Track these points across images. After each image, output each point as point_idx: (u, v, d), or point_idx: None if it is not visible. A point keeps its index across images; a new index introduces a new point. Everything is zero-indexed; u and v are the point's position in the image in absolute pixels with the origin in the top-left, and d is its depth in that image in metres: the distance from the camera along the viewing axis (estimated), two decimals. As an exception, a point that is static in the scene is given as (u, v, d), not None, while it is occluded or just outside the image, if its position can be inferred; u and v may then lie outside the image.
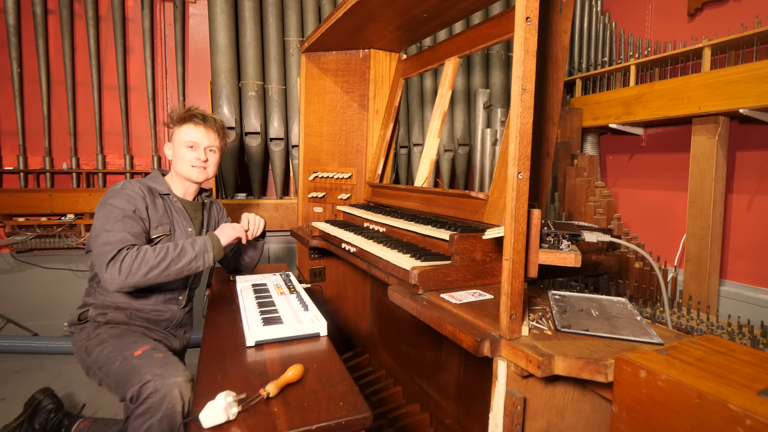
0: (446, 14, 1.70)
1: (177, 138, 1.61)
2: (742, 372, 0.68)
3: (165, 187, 1.59)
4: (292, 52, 2.96)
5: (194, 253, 1.41)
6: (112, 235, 1.34)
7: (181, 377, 1.21)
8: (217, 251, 1.47)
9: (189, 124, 1.59)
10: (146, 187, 1.53)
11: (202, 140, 1.60)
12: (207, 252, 1.44)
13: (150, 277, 1.34)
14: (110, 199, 1.43)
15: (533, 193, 1.25)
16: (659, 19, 3.10)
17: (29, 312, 2.88)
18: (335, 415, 0.89)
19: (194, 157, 1.59)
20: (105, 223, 1.37)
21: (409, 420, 1.72)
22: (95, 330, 1.44)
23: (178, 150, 1.60)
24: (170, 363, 1.26)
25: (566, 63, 2.70)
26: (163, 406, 1.15)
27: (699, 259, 2.52)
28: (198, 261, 1.42)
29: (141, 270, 1.32)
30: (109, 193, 1.46)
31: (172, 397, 1.16)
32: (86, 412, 2.02)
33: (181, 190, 1.65)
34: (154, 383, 1.17)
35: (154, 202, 1.52)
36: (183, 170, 1.60)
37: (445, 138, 3.34)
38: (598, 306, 1.06)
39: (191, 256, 1.40)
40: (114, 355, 1.32)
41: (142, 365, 1.24)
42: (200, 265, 1.43)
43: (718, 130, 2.43)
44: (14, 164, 2.86)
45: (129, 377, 1.23)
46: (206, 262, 1.44)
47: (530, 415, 0.87)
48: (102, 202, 1.44)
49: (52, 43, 2.88)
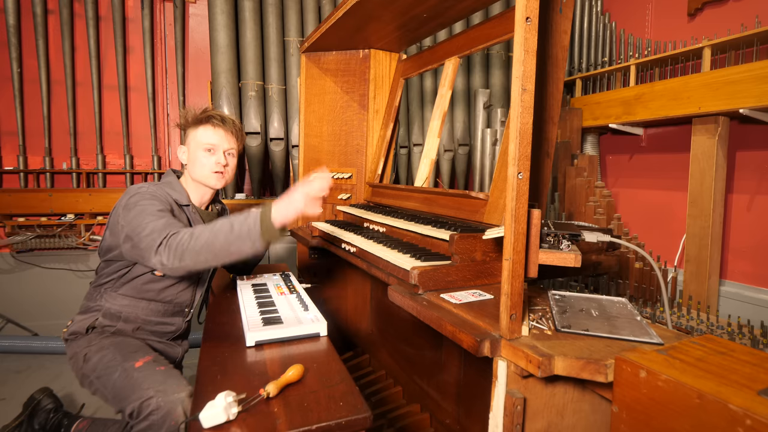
0: (446, 14, 1.70)
1: (193, 141, 1.51)
2: (742, 372, 0.68)
3: (184, 198, 1.50)
4: (292, 52, 2.96)
5: (247, 238, 1.18)
6: (156, 223, 1.24)
7: (184, 392, 1.17)
8: (270, 236, 1.21)
9: (207, 125, 1.50)
10: (169, 197, 1.45)
11: (222, 143, 1.51)
12: (256, 237, 1.19)
13: (201, 258, 1.18)
14: (140, 201, 1.33)
15: (533, 193, 1.25)
16: (659, 19, 3.10)
17: (29, 312, 2.88)
18: (335, 415, 0.89)
19: (213, 161, 1.49)
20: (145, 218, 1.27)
21: (409, 420, 1.72)
22: (98, 337, 1.39)
23: (194, 154, 1.50)
24: (172, 377, 1.23)
25: (566, 63, 2.70)
26: (166, 424, 1.12)
27: (699, 259, 2.52)
28: (252, 245, 1.19)
29: (194, 248, 1.17)
30: (134, 196, 1.35)
31: (176, 415, 1.13)
32: (85, 412, 2.02)
33: (197, 197, 1.57)
34: (156, 400, 1.13)
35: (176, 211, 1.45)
36: (201, 176, 1.51)
37: (445, 138, 3.34)
38: (598, 306, 1.06)
39: (245, 237, 1.18)
40: (114, 365, 1.27)
41: (144, 379, 1.20)
42: (248, 250, 1.20)
43: (718, 130, 2.43)
44: (14, 164, 2.86)
45: (129, 391, 1.19)
46: (256, 249, 1.21)
47: (530, 415, 0.87)
48: (129, 205, 1.33)
49: (52, 43, 2.88)
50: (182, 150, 1.56)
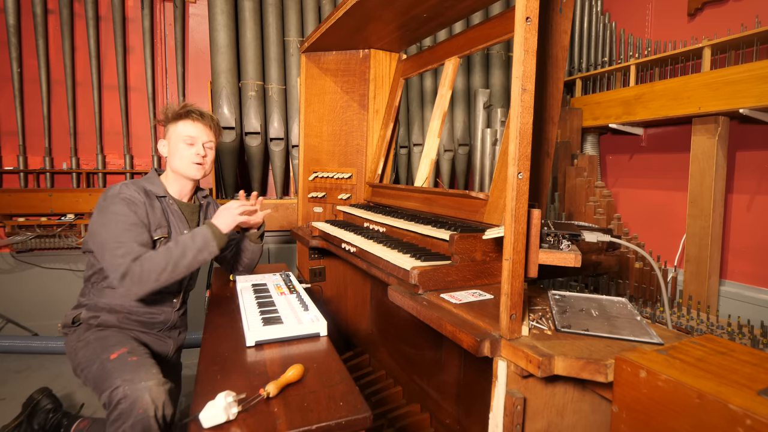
0: (446, 14, 1.70)
1: (173, 134, 1.57)
2: (742, 372, 0.68)
3: (161, 189, 1.56)
4: (292, 52, 2.96)
5: (197, 247, 1.40)
6: (124, 248, 1.34)
7: (153, 381, 1.18)
8: (218, 239, 1.46)
9: (186, 120, 1.57)
10: (143, 189, 1.50)
11: (201, 135, 1.58)
12: (209, 242, 1.43)
13: (162, 279, 1.34)
14: (111, 206, 1.40)
15: (533, 193, 1.25)
16: (659, 19, 3.10)
17: (29, 312, 2.88)
18: (335, 414, 0.89)
19: (193, 152, 1.57)
20: (113, 232, 1.36)
21: (409, 420, 1.72)
22: (85, 332, 1.43)
23: (175, 146, 1.56)
24: (142, 366, 1.23)
25: (566, 63, 2.70)
26: (134, 412, 1.12)
27: (699, 259, 2.52)
28: (203, 253, 1.42)
29: (152, 276, 1.33)
30: (108, 199, 1.42)
31: (143, 402, 1.13)
32: (85, 412, 2.02)
33: (177, 189, 1.62)
34: (123, 389, 1.15)
35: (152, 205, 1.50)
36: (181, 167, 1.57)
37: (445, 138, 3.34)
38: (598, 306, 1.06)
39: (195, 249, 1.40)
40: (93, 357, 1.31)
41: (114, 369, 1.22)
42: (206, 257, 1.43)
43: (718, 130, 2.43)
44: (14, 164, 2.86)
45: (102, 381, 1.22)
46: (210, 252, 1.44)
47: (530, 415, 0.87)
48: (102, 208, 1.41)
49: (52, 43, 2.88)
50: (163, 144, 1.63)
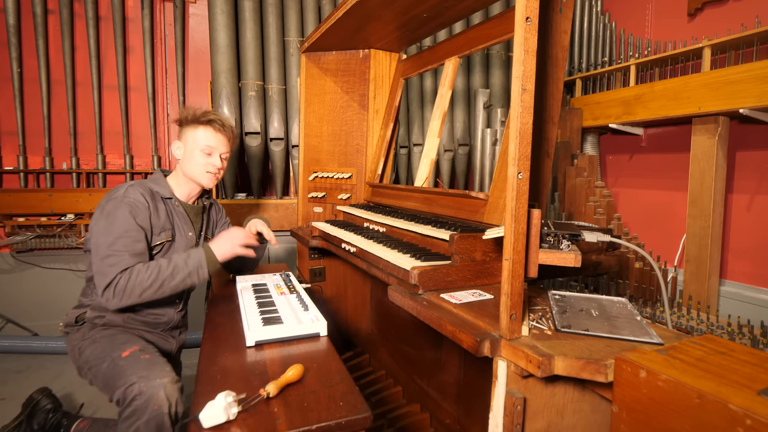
0: (446, 14, 1.70)
1: (191, 139, 1.55)
2: (742, 372, 0.68)
3: (167, 191, 1.56)
4: (292, 52, 2.96)
5: (188, 270, 1.39)
6: (113, 258, 1.33)
7: (167, 378, 1.20)
8: (211, 266, 1.44)
9: (208, 128, 1.55)
10: (148, 191, 1.49)
11: (219, 147, 1.57)
12: (201, 268, 1.41)
13: (145, 296, 1.34)
14: (113, 210, 1.39)
15: (533, 193, 1.25)
16: (659, 19, 3.10)
17: (29, 312, 2.88)
18: (335, 414, 0.89)
19: (210, 163, 1.56)
20: (107, 238, 1.35)
21: (409, 420, 1.72)
22: (90, 331, 1.44)
23: (191, 152, 1.55)
24: (156, 364, 1.25)
25: (566, 63, 2.70)
26: (149, 408, 1.14)
27: (699, 259, 2.52)
28: (192, 277, 1.40)
29: (135, 292, 1.32)
30: (111, 201, 1.41)
31: (158, 399, 1.15)
32: (85, 412, 2.02)
33: (185, 192, 1.61)
34: (138, 385, 1.16)
35: (156, 208, 1.49)
36: (195, 174, 1.56)
37: (445, 138, 3.34)
38: (598, 306, 1.06)
39: (185, 273, 1.38)
40: (103, 356, 1.32)
41: (128, 367, 1.23)
42: (194, 281, 1.41)
43: (718, 130, 2.43)
44: (14, 164, 2.86)
45: (115, 379, 1.23)
46: (201, 278, 1.42)
47: (530, 415, 0.87)
48: (103, 209, 1.40)
49: (52, 43, 2.88)
50: (177, 145, 1.60)
